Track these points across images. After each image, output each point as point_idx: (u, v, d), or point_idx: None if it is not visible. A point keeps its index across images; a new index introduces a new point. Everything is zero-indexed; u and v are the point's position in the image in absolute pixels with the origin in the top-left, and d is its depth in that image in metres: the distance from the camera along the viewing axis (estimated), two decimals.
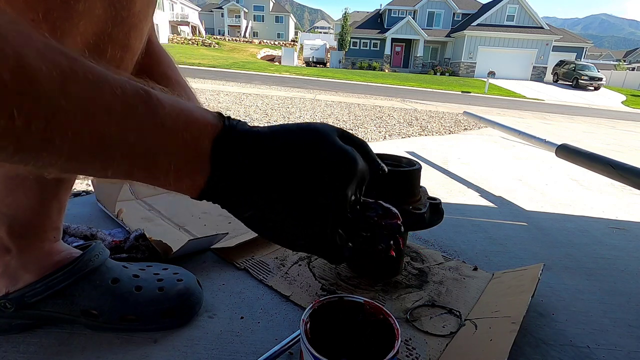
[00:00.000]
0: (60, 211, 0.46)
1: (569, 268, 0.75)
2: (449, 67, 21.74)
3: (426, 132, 2.93)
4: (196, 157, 0.27)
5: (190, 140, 0.26)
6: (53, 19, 0.29)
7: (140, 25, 0.36)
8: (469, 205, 1.11)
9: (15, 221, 0.42)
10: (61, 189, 0.44)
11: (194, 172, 0.27)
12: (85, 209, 0.83)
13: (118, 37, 0.34)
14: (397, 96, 7.36)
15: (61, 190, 0.44)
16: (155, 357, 0.44)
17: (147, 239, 0.61)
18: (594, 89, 15.61)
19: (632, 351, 0.52)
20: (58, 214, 0.45)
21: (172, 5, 28.99)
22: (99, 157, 0.23)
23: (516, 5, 20.20)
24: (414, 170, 0.57)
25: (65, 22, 0.30)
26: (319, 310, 0.39)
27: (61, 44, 0.30)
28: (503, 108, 6.74)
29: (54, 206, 0.44)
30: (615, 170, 1.01)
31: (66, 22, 0.30)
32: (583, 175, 1.60)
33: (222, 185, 0.28)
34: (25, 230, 0.43)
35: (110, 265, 0.48)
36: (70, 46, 0.32)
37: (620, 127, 4.69)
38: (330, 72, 15.37)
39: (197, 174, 0.27)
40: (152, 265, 0.53)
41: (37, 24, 0.29)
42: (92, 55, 0.33)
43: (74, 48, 0.32)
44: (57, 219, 0.46)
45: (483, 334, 0.48)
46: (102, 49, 0.34)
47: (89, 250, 0.47)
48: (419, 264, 0.69)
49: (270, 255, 0.68)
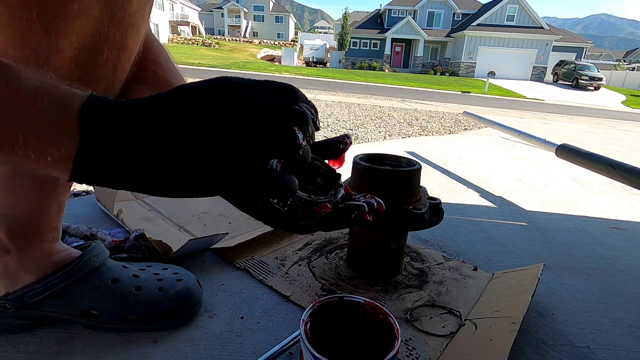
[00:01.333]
0: (59, 211, 0.46)
1: (569, 268, 0.75)
2: (449, 67, 21.73)
3: (426, 132, 2.93)
4: (62, 123, 0.23)
5: (54, 106, 0.23)
6: (48, 19, 0.29)
7: (136, 25, 0.36)
8: (469, 205, 1.11)
9: (15, 222, 0.41)
10: (60, 189, 0.43)
11: (60, 139, 0.23)
12: (85, 209, 0.83)
13: (115, 37, 0.34)
14: (397, 96, 7.36)
15: (60, 191, 0.44)
16: (155, 357, 0.44)
17: (147, 239, 0.61)
18: (594, 89, 15.60)
19: (632, 351, 0.52)
20: (57, 214, 0.45)
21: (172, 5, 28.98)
22: None
23: (516, 5, 20.19)
24: (414, 170, 0.57)
25: (60, 22, 0.30)
26: (319, 310, 0.39)
27: (56, 44, 0.30)
28: (503, 108, 6.74)
29: (52, 206, 0.44)
30: (615, 170, 1.01)
31: (61, 22, 0.30)
32: (583, 175, 1.60)
33: (96, 151, 0.23)
34: (24, 230, 0.42)
35: (110, 266, 0.48)
36: (66, 46, 0.31)
37: (620, 127, 4.69)
38: (330, 72, 15.37)
39: (64, 141, 0.23)
40: (152, 265, 0.53)
41: (32, 23, 0.29)
42: (89, 56, 0.33)
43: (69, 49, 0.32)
44: (56, 219, 0.46)
45: (483, 334, 0.48)
46: (99, 49, 0.34)
47: (89, 251, 0.47)
48: (419, 264, 0.69)
49: (270, 255, 0.68)
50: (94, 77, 0.36)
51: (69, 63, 0.33)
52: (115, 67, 0.37)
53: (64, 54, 0.32)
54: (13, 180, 0.39)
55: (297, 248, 0.71)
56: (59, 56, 0.32)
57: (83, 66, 0.34)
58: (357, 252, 0.63)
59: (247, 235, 0.70)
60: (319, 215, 0.32)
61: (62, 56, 0.32)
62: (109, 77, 0.37)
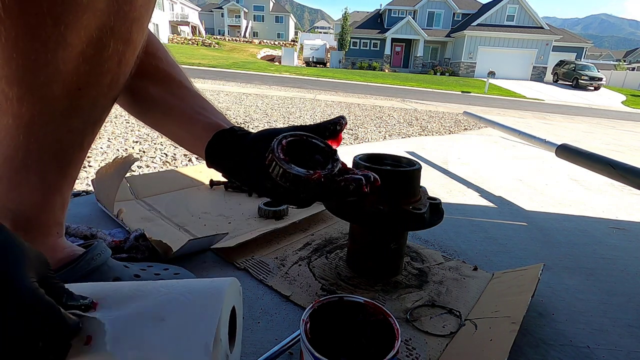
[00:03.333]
0: (63, 206, 0.46)
1: (569, 268, 0.75)
2: (449, 67, 21.72)
3: (426, 132, 2.93)
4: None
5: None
6: (57, 13, 0.29)
7: (142, 19, 0.36)
8: (469, 205, 1.11)
9: (20, 216, 0.41)
10: (64, 183, 0.43)
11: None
12: (85, 209, 0.83)
13: (120, 31, 0.34)
14: (397, 96, 7.36)
15: (64, 185, 0.43)
16: None
17: (147, 239, 0.61)
18: (594, 89, 15.60)
19: (632, 351, 0.52)
20: (61, 209, 0.45)
21: (172, 5, 28.97)
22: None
23: (516, 5, 20.19)
24: (414, 170, 0.57)
25: (69, 15, 0.30)
26: (319, 310, 0.39)
27: (64, 38, 0.31)
28: (503, 108, 6.74)
29: (57, 201, 0.43)
30: (615, 170, 1.01)
31: (70, 15, 0.30)
32: (583, 175, 1.60)
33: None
34: (29, 225, 0.42)
35: (112, 265, 0.48)
36: (75, 40, 0.32)
37: (620, 127, 4.69)
38: (330, 72, 15.37)
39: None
40: (153, 265, 0.53)
41: (41, 17, 0.29)
42: (95, 50, 0.33)
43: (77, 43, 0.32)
44: (61, 214, 0.45)
45: (483, 334, 0.48)
46: (105, 43, 0.34)
47: (92, 249, 0.47)
48: (419, 264, 0.69)
49: (270, 255, 0.68)
50: (99, 71, 0.36)
51: (77, 57, 0.33)
52: (120, 61, 0.37)
53: (72, 48, 0.32)
54: (19, 175, 0.39)
55: (297, 248, 0.71)
56: (68, 50, 0.32)
57: (89, 60, 0.34)
58: (357, 252, 0.63)
59: (247, 235, 0.70)
60: (314, 183, 0.35)
61: (70, 50, 0.32)
62: (114, 71, 0.37)
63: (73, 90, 0.36)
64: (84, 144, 0.42)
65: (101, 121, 0.43)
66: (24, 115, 0.35)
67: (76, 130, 0.40)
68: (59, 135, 0.38)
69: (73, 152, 0.41)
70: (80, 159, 0.43)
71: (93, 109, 0.40)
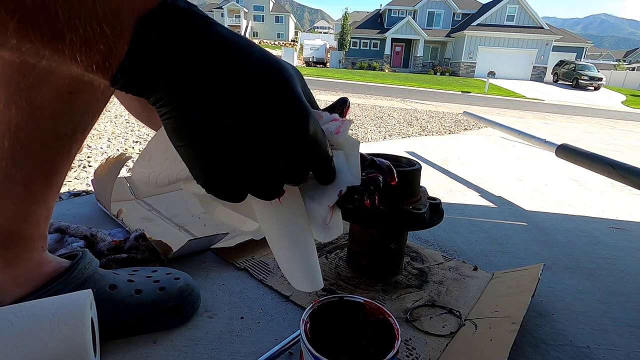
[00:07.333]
0: (48, 218, 0.43)
1: (569, 268, 0.75)
2: (449, 67, 21.73)
3: (426, 132, 2.93)
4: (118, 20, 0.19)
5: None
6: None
7: None
8: (469, 205, 1.11)
9: (2, 230, 0.38)
10: (49, 193, 0.41)
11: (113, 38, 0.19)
12: (85, 209, 0.83)
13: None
14: (397, 96, 7.36)
15: (49, 195, 0.41)
16: (155, 357, 0.44)
17: (147, 239, 0.61)
18: (594, 89, 15.60)
19: (632, 351, 0.52)
20: (45, 221, 0.43)
21: None
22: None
23: (516, 5, 20.19)
24: (414, 170, 0.57)
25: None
26: (319, 310, 0.39)
27: None
28: (503, 108, 6.74)
29: (42, 212, 0.41)
30: (615, 170, 1.01)
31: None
32: (583, 175, 1.60)
33: (142, 61, 0.20)
34: (12, 240, 0.39)
35: (103, 273, 0.46)
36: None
37: (620, 127, 4.69)
38: (330, 72, 15.37)
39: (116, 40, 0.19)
40: (139, 269, 0.52)
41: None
42: None
43: None
44: (44, 227, 0.43)
45: (483, 334, 0.48)
46: None
47: (82, 259, 0.45)
48: (419, 264, 0.69)
49: (270, 255, 0.68)
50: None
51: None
52: None
53: None
54: (1, 185, 0.37)
55: None
56: None
57: None
58: (357, 252, 0.63)
59: (247, 235, 0.70)
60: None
61: None
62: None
63: (64, 93, 0.34)
64: (72, 152, 0.40)
65: (90, 127, 0.40)
66: (11, 120, 0.33)
67: (65, 137, 0.38)
68: (46, 142, 0.36)
69: (60, 160, 0.39)
70: (66, 167, 0.41)
71: (84, 114, 0.38)
